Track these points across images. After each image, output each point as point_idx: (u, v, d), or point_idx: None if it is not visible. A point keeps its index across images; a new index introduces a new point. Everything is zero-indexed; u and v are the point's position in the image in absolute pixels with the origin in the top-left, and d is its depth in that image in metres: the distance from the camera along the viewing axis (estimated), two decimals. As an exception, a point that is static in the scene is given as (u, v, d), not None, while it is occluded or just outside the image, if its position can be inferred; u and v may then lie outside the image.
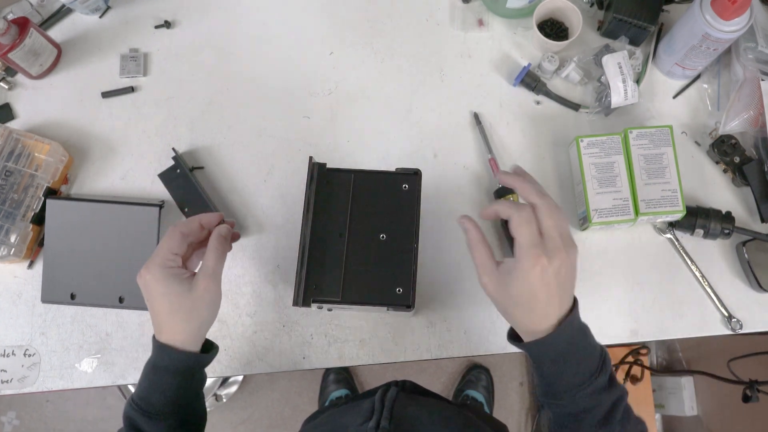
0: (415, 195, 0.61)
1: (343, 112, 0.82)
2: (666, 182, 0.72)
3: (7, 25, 0.75)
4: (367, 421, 0.53)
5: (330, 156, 0.80)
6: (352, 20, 0.86)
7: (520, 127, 0.81)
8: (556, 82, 0.83)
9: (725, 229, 0.73)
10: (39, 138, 0.76)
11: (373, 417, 0.53)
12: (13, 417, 1.64)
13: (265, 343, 0.74)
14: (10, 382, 0.73)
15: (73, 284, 0.75)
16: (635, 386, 1.51)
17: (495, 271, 0.48)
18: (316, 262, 0.60)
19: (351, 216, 0.61)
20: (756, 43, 0.74)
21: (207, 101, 0.83)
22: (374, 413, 0.54)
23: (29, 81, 0.84)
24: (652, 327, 0.74)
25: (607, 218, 0.72)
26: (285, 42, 0.85)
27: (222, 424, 1.64)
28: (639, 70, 0.81)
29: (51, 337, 0.75)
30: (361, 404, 0.58)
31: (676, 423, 1.56)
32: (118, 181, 0.80)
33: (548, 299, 0.47)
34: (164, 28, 0.85)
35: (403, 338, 0.74)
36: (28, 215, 0.75)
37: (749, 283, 0.75)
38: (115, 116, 0.82)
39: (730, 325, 0.73)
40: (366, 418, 0.53)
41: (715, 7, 0.69)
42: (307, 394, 1.64)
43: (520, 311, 0.48)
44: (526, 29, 0.85)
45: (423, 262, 0.74)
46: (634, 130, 0.74)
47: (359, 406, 0.59)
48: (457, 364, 1.65)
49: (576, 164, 0.75)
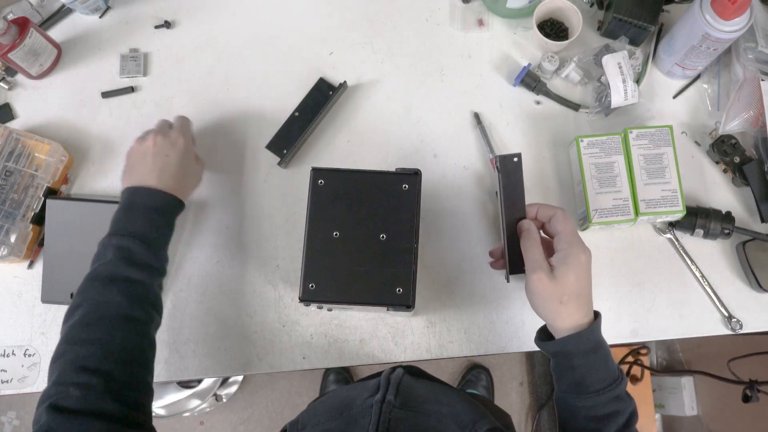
0: (415, 195, 0.61)
1: (343, 112, 0.82)
2: (666, 182, 0.72)
3: (7, 25, 0.75)
4: (374, 394, 0.53)
5: (330, 156, 0.80)
6: (352, 20, 0.86)
7: (520, 127, 0.81)
8: (556, 82, 0.83)
9: (725, 229, 0.73)
10: (39, 138, 0.76)
11: (380, 391, 0.54)
12: (13, 417, 1.64)
13: (265, 343, 0.74)
14: (10, 382, 0.73)
15: (73, 284, 0.74)
16: (635, 386, 1.51)
17: (548, 268, 0.54)
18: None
19: (351, 216, 0.61)
20: (756, 43, 0.74)
21: (207, 101, 0.83)
22: (380, 388, 0.55)
23: (29, 81, 0.84)
24: (652, 327, 0.74)
25: (607, 218, 0.72)
26: (285, 42, 0.85)
27: (222, 424, 1.64)
28: (639, 70, 0.81)
29: (51, 337, 0.75)
30: (367, 382, 0.59)
31: (676, 423, 1.56)
32: (118, 181, 0.79)
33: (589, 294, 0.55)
34: (164, 28, 0.85)
35: (403, 338, 0.74)
36: (28, 215, 0.75)
37: (749, 283, 0.75)
38: (115, 116, 0.82)
39: (730, 325, 0.73)
40: (372, 393, 0.54)
41: (715, 7, 0.69)
42: (307, 394, 1.64)
43: (573, 301, 0.53)
44: (526, 29, 0.85)
45: (423, 262, 0.74)
46: (634, 130, 0.74)
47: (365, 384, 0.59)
48: (457, 364, 1.65)
49: (576, 164, 0.75)
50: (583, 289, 0.55)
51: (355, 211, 0.61)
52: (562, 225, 0.56)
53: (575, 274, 0.54)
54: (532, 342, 0.73)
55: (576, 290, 0.54)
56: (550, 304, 0.54)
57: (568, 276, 0.53)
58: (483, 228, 0.77)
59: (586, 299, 0.55)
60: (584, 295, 0.55)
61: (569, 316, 0.54)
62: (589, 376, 0.53)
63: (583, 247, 0.55)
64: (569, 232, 0.55)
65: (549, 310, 0.55)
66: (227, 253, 0.77)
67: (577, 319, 0.54)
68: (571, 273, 0.53)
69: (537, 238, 0.57)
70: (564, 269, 0.54)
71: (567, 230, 0.56)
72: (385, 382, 0.56)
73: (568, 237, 0.55)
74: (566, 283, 0.53)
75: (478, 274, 0.76)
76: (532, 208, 0.60)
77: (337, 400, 0.57)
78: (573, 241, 0.55)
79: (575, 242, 0.55)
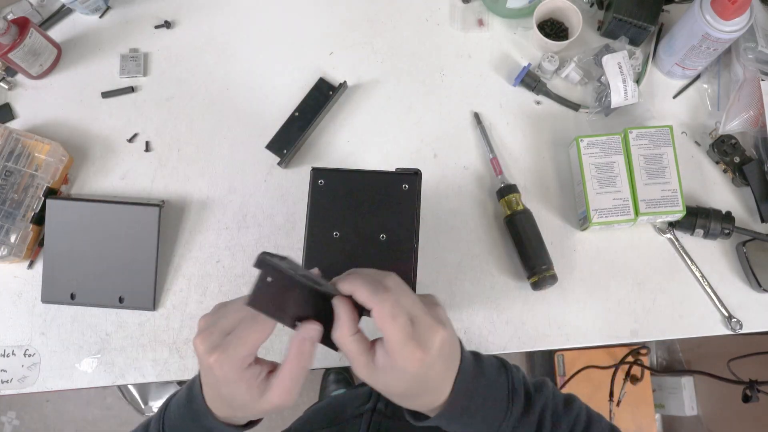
0: (415, 195, 0.61)
1: (343, 112, 0.82)
2: (666, 182, 0.72)
3: (7, 25, 0.75)
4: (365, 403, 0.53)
5: (330, 156, 0.80)
6: (352, 20, 0.86)
7: (520, 127, 0.81)
8: (556, 82, 0.83)
9: (725, 229, 0.73)
10: (39, 138, 0.76)
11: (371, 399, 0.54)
12: (13, 417, 1.64)
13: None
14: (10, 382, 0.73)
15: (73, 284, 0.75)
16: (635, 386, 1.51)
17: (371, 365, 0.40)
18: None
19: (351, 216, 0.61)
20: (756, 43, 0.74)
21: (207, 101, 0.83)
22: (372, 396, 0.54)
23: (29, 81, 0.83)
24: (652, 327, 0.74)
25: (607, 218, 0.72)
26: (285, 42, 0.85)
27: (222, 424, 1.64)
28: (639, 70, 0.81)
29: (51, 337, 0.75)
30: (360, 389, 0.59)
31: (676, 423, 1.56)
32: (118, 181, 0.80)
33: (437, 379, 0.41)
34: (164, 28, 0.85)
35: (403, 338, 0.74)
36: (28, 215, 0.75)
37: (749, 283, 0.75)
38: (115, 116, 0.82)
39: (730, 325, 0.73)
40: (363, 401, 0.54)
41: (715, 7, 0.69)
42: (307, 394, 1.64)
43: (408, 401, 0.42)
44: (526, 29, 0.85)
45: (423, 262, 0.74)
46: (634, 130, 0.74)
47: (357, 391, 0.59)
48: (457, 364, 1.65)
49: (576, 164, 0.75)
50: (420, 390, 0.41)
51: (355, 211, 0.61)
52: (382, 327, 0.39)
53: (404, 383, 0.40)
54: (532, 342, 0.74)
55: (410, 394, 0.41)
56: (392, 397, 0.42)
57: (391, 386, 0.40)
58: (483, 228, 0.77)
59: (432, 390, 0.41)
60: (423, 393, 0.41)
61: (416, 407, 0.43)
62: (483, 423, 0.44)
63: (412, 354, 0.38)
64: (393, 340, 0.38)
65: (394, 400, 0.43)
66: (227, 253, 0.77)
67: (426, 406, 0.43)
68: (394, 383, 0.40)
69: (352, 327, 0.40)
70: (385, 378, 0.40)
71: (390, 337, 0.38)
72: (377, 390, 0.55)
73: (392, 348, 0.38)
74: (391, 392, 0.41)
75: (478, 274, 0.76)
76: (348, 285, 0.41)
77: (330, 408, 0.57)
78: (397, 353, 0.38)
79: (398, 354, 0.38)
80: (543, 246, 0.73)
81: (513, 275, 0.76)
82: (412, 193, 0.61)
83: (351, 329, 0.40)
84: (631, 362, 1.48)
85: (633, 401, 1.50)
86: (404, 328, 0.38)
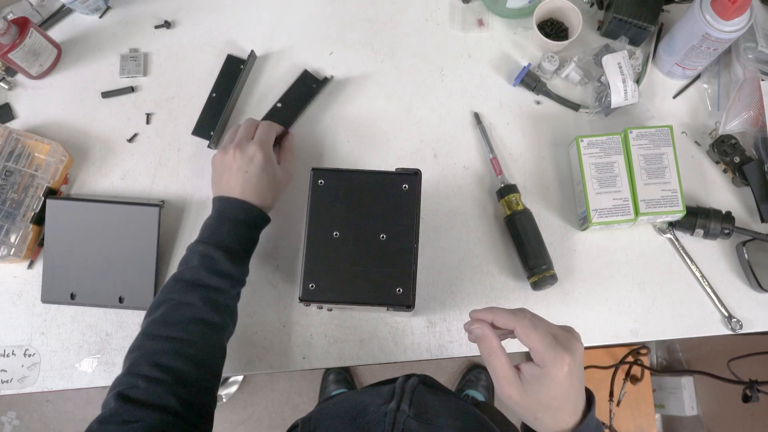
0: (415, 195, 0.61)
1: (343, 112, 0.82)
2: (666, 182, 0.72)
3: (7, 25, 0.75)
4: (388, 402, 0.53)
5: (330, 156, 0.80)
6: (352, 20, 0.86)
7: (520, 127, 0.81)
8: (556, 82, 0.83)
9: (725, 229, 0.73)
10: (39, 138, 0.76)
11: (394, 399, 0.54)
12: (13, 417, 1.64)
13: (265, 343, 0.74)
14: (10, 382, 0.73)
15: (73, 284, 0.75)
16: (635, 386, 1.51)
17: (518, 381, 0.45)
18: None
19: (351, 216, 0.61)
20: (756, 43, 0.74)
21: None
22: (395, 396, 0.54)
23: (29, 81, 0.83)
24: (652, 327, 0.74)
25: (607, 218, 0.72)
26: (285, 42, 0.85)
27: (222, 424, 1.64)
28: (639, 70, 0.81)
29: (51, 337, 0.75)
30: (381, 388, 0.59)
31: (676, 423, 1.56)
32: (118, 181, 0.80)
33: (577, 394, 0.46)
34: (164, 28, 0.85)
35: (403, 338, 0.74)
36: (28, 215, 0.75)
37: (749, 283, 0.75)
38: (115, 116, 0.82)
39: (730, 325, 0.73)
40: (386, 400, 0.54)
41: (715, 7, 0.69)
42: (307, 394, 1.65)
43: (550, 414, 0.46)
44: (526, 29, 0.85)
45: (423, 262, 0.74)
46: (634, 130, 0.74)
47: (378, 390, 0.59)
48: (457, 364, 1.65)
49: (576, 164, 0.75)
50: (564, 401, 0.45)
51: (355, 211, 0.61)
52: (527, 339, 0.46)
53: (553, 390, 0.45)
54: (532, 342, 0.74)
55: (554, 405, 0.45)
56: (526, 416, 0.47)
57: (540, 394, 0.45)
58: (483, 228, 0.77)
59: (572, 403, 0.46)
60: (566, 405, 0.46)
61: (550, 426, 0.47)
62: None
63: (561, 357, 0.44)
64: (540, 348, 0.45)
65: (527, 420, 0.47)
66: (227, 253, 0.77)
67: (563, 424, 0.46)
68: (544, 391, 0.45)
69: (497, 346, 0.47)
70: (535, 388, 0.45)
71: (537, 345, 0.45)
72: (400, 390, 0.55)
73: (540, 355, 0.45)
74: (539, 401, 0.45)
75: (478, 274, 0.76)
76: (488, 314, 0.50)
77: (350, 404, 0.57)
78: (547, 358, 0.44)
79: (549, 358, 0.44)
80: (543, 246, 0.73)
81: (513, 275, 0.76)
82: (412, 193, 0.61)
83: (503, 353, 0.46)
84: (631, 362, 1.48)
85: (633, 401, 1.51)
86: (547, 336, 0.45)
